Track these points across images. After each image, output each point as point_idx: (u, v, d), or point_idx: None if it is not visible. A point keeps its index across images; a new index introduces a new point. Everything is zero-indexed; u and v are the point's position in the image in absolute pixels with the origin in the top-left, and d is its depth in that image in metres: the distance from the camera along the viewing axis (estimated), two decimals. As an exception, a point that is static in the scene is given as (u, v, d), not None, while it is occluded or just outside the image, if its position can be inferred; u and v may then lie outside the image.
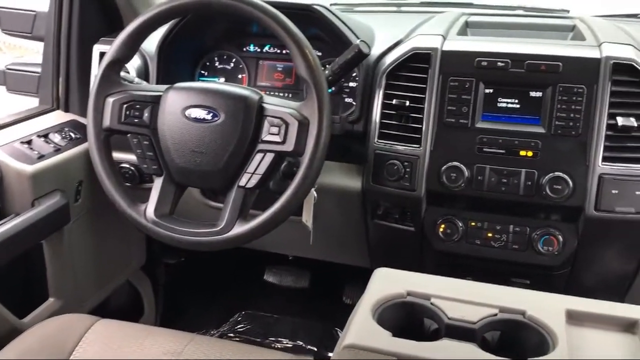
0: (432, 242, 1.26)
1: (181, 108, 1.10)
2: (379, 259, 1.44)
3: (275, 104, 1.09)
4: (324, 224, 1.37)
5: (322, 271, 1.87)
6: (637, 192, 1.12)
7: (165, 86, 1.14)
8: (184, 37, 1.40)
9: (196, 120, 1.09)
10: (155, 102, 1.13)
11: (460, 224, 1.23)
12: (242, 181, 1.09)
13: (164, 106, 1.11)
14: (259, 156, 1.08)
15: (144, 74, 1.40)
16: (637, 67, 1.12)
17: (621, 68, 1.13)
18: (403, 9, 1.78)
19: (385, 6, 1.80)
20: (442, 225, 1.24)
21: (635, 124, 1.11)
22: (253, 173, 1.08)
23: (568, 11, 1.61)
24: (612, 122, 1.12)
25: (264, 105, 1.09)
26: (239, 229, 1.08)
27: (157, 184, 1.15)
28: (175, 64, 1.42)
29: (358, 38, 1.25)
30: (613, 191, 1.13)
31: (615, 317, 0.86)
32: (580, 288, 1.29)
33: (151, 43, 1.37)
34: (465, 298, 0.89)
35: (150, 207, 1.13)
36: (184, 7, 1.11)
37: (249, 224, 1.08)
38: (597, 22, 1.37)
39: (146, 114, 1.13)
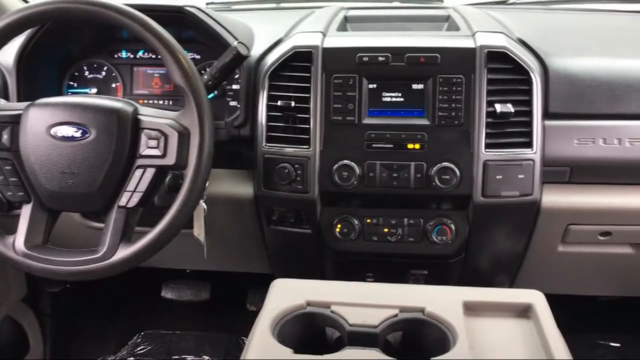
0: (331, 243, 1.24)
1: (45, 127, 1.00)
2: (280, 264, 1.41)
3: (151, 115, 1.02)
4: (218, 234, 1.31)
5: (223, 281, 1.81)
6: (520, 176, 1.16)
7: (26, 103, 1.03)
8: (46, 47, 1.28)
9: (64, 139, 1.00)
10: (15, 122, 1.02)
11: (357, 222, 1.22)
12: (122, 201, 1.01)
13: (26, 126, 1.01)
14: (138, 172, 1.00)
15: (2, 91, 1.27)
16: (510, 54, 1.15)
17: (495, 56, 1.16)
18: (282, 5, 1.74)
19: (264, 3, 1.75)
20: (339, 225, 1.22)
21: (512, 110, 1.14)
22: (134, 191, 1.01)
23: (442, 1, 1.65)
24: (491, 109, 1.15)
25: (140, 117, 1.01)
26: (123, 252, 1.00)
27: (26, 212, 1.04)
28: (38, 78, 1.29)
29: (236, 39, 1.20)
30: (497, 177, 1.16)
31: (509, 303, 0.88)
32: (476, 272, 1.33)
33: (8, 56, 1.24)
34: (366, 301, 0.88)
35: (20, 238, 1.03)
36: (39, 16, 1.00)
37: (134, 247, 1.00)
38: (470, 11, 1.41)
39: (5, 136, 1.02)
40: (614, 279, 1.42)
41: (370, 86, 1.18)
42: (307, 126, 1.19)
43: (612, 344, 1.75)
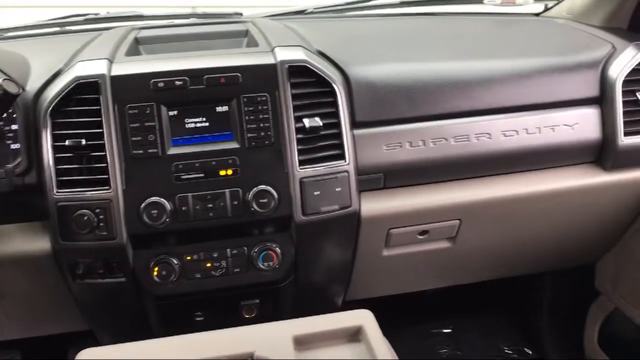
0: (149, 289, 1.13)
1: None
2: (97, 320, 1.25)
3: None
4: (18, 298, 1.13)
5: (38, 344, 1.59)
6: (337, 189, 1.15)
7: None
8: None
9: None
10: None
11: (176, 262, 1.12)
12: None
13: None
14: None
15: None
16: (311, 67, 1.13)
17: (296, 70, 1.13)
18: (68, 28, 1.57)
19: (45, 28, 1.56)
20: (156, 268, 1.11)
21: (321, 123, 1.12)
22: None
23: (241, 14, 1.60)
24: (300, 125, 1.12)
25: None
26: None
27: None
28: None
29: (4, 74, 1.03)
30: (315, 193, 1.13)
31: (339, 330, 0.85)
32: (309, 289, 1.30)
33: None
34: (190, 357, 0.79)
35: None
36: None
37: None
38: (268, 25, 1.37)
39: None
40: (437, 272, 1.48)
41: (171, 113, 1.09)
42: (105, 165, 1.06)
43: (444, 330, 1.85)
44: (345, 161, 1.15)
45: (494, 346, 1.80)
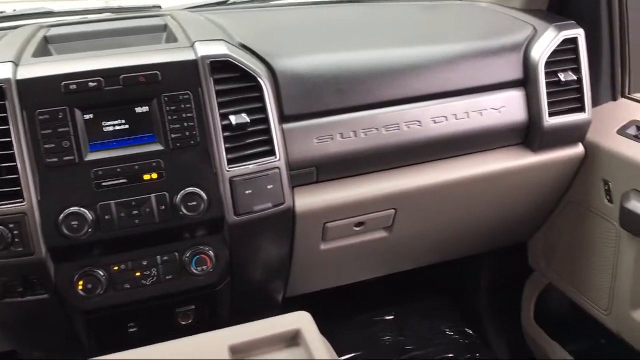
0: (75, 304, 1.06)
1: None
2: (21, 340, 1.18)
3: None
4: None
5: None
6: (269, 186, 1.11)
7: None
8: None
9: None
10: None
11: (102, 273, 1.06)
12: None
13: None
14: None
15: None
16: (234, 62, 1.09)
17: (219, 66, 1.08)
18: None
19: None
20: (81, 282, 1.05)
21: (248, 120, 1.08)
22: None
23: (159, 7, 1.53)
24: (226, 122, 1.08)
25: None
26: None
27: None
28: None
29: None
30: (247, 192, 1.09)
31: (277, 335, 0.82)
32: (247, 289, 1.26)
33: None
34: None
35: None
36: None
37: None
38: (187, 18, 1.31)
39: None
40: (375, 261, 1.48)
41: (86, 117, 1.02)
42: (15, 175, 0.98)
43: (386, 317, 1.85)
44: (276, 157, 1.11)
45: (436, 329, 1.82)
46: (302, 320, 0.83)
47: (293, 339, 0.82)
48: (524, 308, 1.73)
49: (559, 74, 1.29)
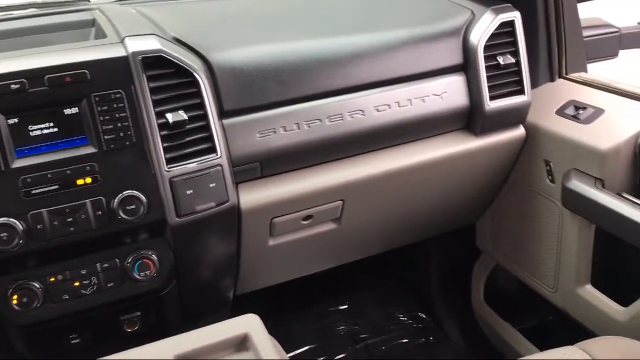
0: (10, 319, 1.01)
1: None
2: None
3: None
4: None
5: None
6: (212, 185, 1.08)
7: None
8: None
9: None
10: None
11: (38, 285, 1.01)
12: None
13: None
14: None
15: None
16: (167, 57, 1.04)
17: (151, 62, 1.03)
18: None
19: None
20: (15, 296, 0.99)
21: (186, 117, 1.04)
22: None
23: (88, 0, 1.45)
24: (163, 120, 1.03)
25: None
26: None
27: None
28: None
29: None
30: (188, 192, 1.05)
31: (225, 340, 0.79)
32: (195, 292, 1.23)
33: None
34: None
35: None
36: None
37: None
38: (117, 11, 1.25)
39: None
40: (326, 253, 1.47)
41: (10, 121, 0.96)
42: None
43: (340, 307, 1.85)
44: (217, 154, 1.08)
45: (390, 316, 1.83)
46: (250, 324, 0.81)
47: (242, 343, 0.79)
48: (474, 290, 1.76)
49: (497, 58, 1.30)
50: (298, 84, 1.16)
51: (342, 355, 1.70)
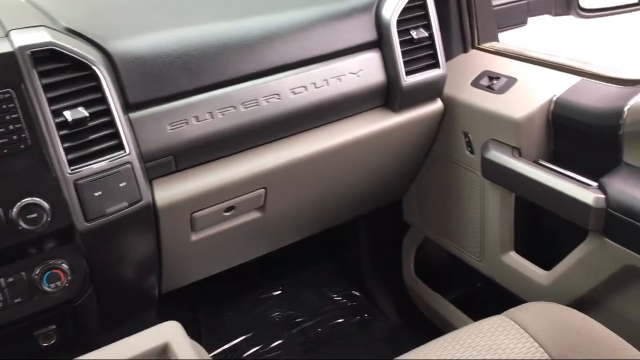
0: None
1: None
2: None
3: None
4: None
5: None
6: (122, 184, 1.01)
7: None
8: None
9: None
10: None
11: None
12: None
13: None
14: None
15: None
16: (59, 50, 0.96)
17: (42, 56, 0.94)
18: None
19: None
20: None
21: (87, 113, 0.96)
22: None
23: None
24: (61, 119, 0.95)
25: None
26: None
27: None
28: None
29: None
30: (96, 194, 0.98)
31: (144, 352, 0.74)
32: (115, 297, 1.17)
33: None
34: None
35: None
36: None
37: None
38: (2, 2, 1.15)
39: None
40: (253, 243, 1.43)
41: None
42: None
43: (274, 293, 1.83)
44: (125, 151, 1.01)
45: (324, 297, 1.82)
46: (170, 333, 0.76)
47: (163, 352, 0.75)
48: (404, 263, 1.77)
49: (411, 32, 1.28)
50: (208, 71, 1.10)
51: (279, 341, 1.68)
